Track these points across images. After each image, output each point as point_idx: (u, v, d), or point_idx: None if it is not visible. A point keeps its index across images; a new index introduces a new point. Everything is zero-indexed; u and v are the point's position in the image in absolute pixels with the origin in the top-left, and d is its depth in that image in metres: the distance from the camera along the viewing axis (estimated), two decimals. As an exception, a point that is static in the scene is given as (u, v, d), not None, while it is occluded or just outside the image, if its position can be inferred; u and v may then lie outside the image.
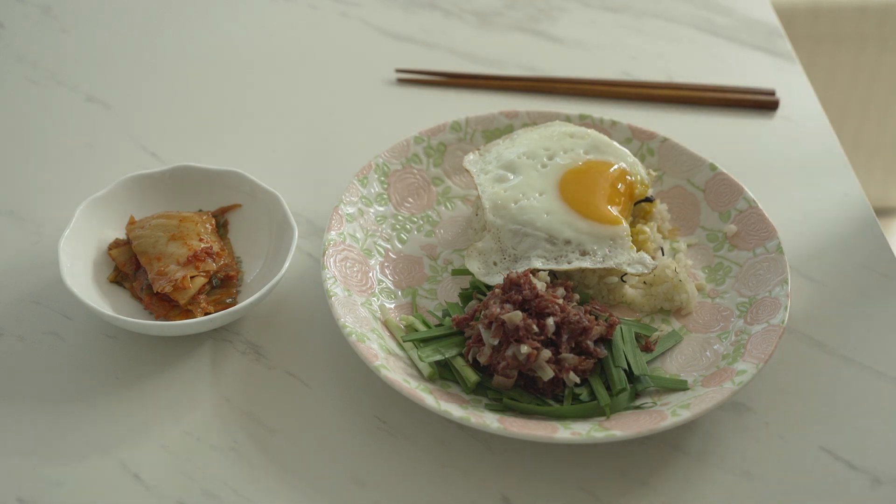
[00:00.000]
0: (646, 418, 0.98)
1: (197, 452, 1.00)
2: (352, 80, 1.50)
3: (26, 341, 1.09)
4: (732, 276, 1.15)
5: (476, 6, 1.66)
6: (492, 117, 1.30)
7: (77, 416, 1.02)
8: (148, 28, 1.59)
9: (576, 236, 1.12)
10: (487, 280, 1.11)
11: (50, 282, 1.14)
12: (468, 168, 1.20)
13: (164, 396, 1.05)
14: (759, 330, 1.06)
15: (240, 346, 1.10)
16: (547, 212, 1.14)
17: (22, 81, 1.46)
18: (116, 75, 1.49)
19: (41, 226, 1.22)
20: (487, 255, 1.14)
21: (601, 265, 1.11)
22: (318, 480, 0.98)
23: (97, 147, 1.36)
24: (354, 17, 1.63)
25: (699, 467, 1.00)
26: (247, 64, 1.53)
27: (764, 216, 1.17)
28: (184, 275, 1.09)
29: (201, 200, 1.20)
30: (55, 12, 1.59)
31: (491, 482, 0.99)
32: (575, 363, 1.01)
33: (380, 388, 1.05)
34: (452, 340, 1.06)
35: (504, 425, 0.97)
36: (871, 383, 1.08)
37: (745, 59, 1.56)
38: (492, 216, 1.15)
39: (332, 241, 1.13)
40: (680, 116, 1.45)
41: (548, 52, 1.57)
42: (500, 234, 1.14)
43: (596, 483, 0.99)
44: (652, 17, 1.66)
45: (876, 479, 1.00)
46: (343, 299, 1.07)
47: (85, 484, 0.97)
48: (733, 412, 1.05)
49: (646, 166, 1.26)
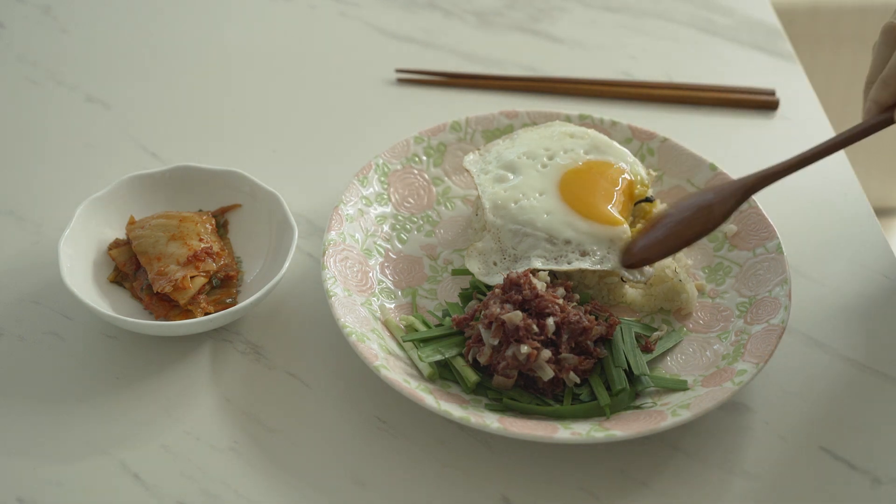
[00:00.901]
0: (646, 418, 0.98)
1: (197, 452, 1.00)
2: (352, 80, 1.50)
3: (26, 341, 1.09)
4: (732, 276, 1.15)
5: (476, 6, 1.66)
6: (492, 117, 1.30)
7: (77, 416, 1.02)
8: (148, 28, 1.59)
9: (576, 236, 1.12)
10: (488, 280, 1.11)
11: (50, 282, 1.14)
12: (468, 168, 1.20)
13: (164, 396, 1.05)
14: (759, 330, 1.06)
15: (240, 346, 1.10)
16: (547, 212, 1.14)
17: (22, 81, 1.46)
18: (116, 75, 1.49)
19: (41, 226, 1.22)
20: (487, 256, 1.14)
21: (600, 266, 1.11)
22: (318, 480, 0.98)
23: (97, 147, 1.36)
24: (354, 17, 1.63)
25: (699, 467, 1.00)
26: (247, 64, 1.53)
27: (764, 216, 1.17)
28: (184, 275, 1.09)
29: (201, 200, 1.20)
30: (55, 12, 1.59)
31: (491, 482, 0.99)
32: (575, 363, 1.02)
33: (380, 388, 1.05)
34: (452, 340, 1.06)
35: (504, 425, 0.97)
36: (872, 383, 1.08)
37: (745, 59, 1.56)
38: (492, 216, 1.15)
39: (332, 241, 1.13)
40: (680, 116, 1.44)
41: (548, 52, 1.57)
42: (500, 234, 1.14)
43: (596, 483, 0.99)
44: (652, 17, 1.66)
45: (876, 479, 1.00)
46: (343, 299, 1.07)
47: (85, 484, 0.97)
48: (733, 412, 1.05)
49: (646, 166, 1.26)
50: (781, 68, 1.54)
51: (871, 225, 1.26)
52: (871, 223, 1.27)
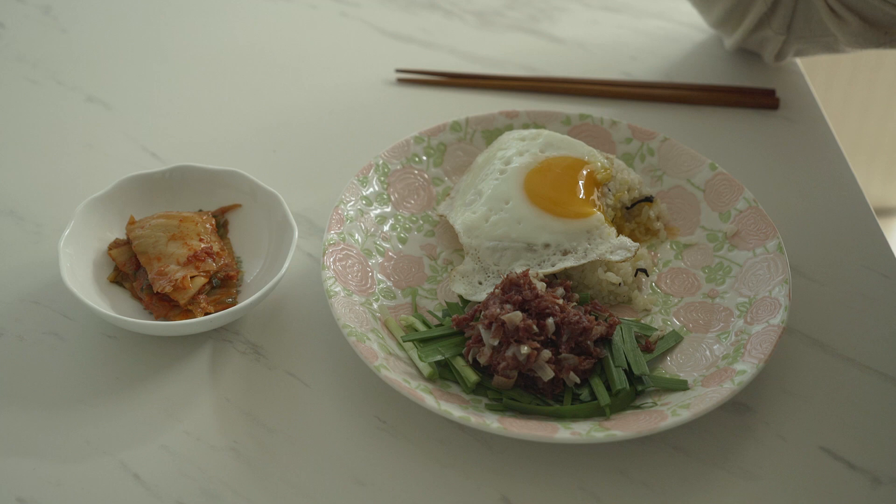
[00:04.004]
0: (646, 418, 0.98)
1: (197, 452, 1.00)
2: (352, 80, 1.50)
3: (26, 341, 1.09)
4: (732, 276, 1.15)
5: (476, 6, 1.66)
6: (492, 117, 1.30)
7: (77, 416, 1.02)
8: (148, 28, 1.59)
9: (553, 238, 1.12)
10: (477, 298, 1.11)
11: (50, 282, 1.15)
12: (442, 213, 1.21)
13: (164, 396, 1.05)
14: (759, 330, 1.06)
15: (240, 346, 1.10)
16: (519, 220, 1.14)
17: (22, 81, 1.46)
18: (116, 75, 1.49)
19: (41, 226, 1.22)
20: (471, 277, 1.14)
21: (585, 260, 1.11)
22: (318, 480, 0.98)
23: (97, 147, 1.36)
24: (354, 17, 1.63)
25: (699, 467, 1.00)
26: (247, 64, 1.53)
27: (764, 216, 1.17)
28: (184, 275, 1.09)
29: (201, 200, 1.20)
30: (55, 12, 1.59)
31: (491, 482, 0.99)
32: (575, 363, 1.02)
33: (380, 388, 1.05)
34: (452, 340, 1.06)
35: (504, 425, 0.97)
36: (871, 383, 1.08)
37: (745, 59, 1.56)
38: (466, 238, 1.15)
39: (332, 242, 1.13)
40: (680, 116, 1.45)
41: (548, 52, 1.57)
42: (479, 254, 1.14)
43: (596, 483, 0.99)
44: (652, 17, 1.66)
45: (876, 479, 1.00)
46: (343, 299, 1.07)
47: (85, 484, 0.97)
48: (733, 412, 1.05)
49: (646, 166, 1.26)
50: (781, 68, 1.54)
51: (871, 225, 1.26)
52: (871, 223, 1.27)
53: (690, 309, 1.13)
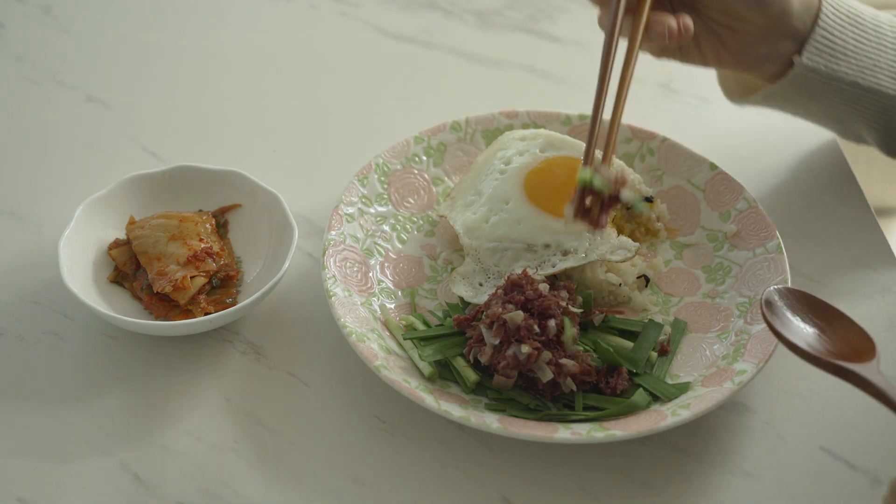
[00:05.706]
0: (646, 418, 0.98)
1: (197, 452, 1.00)
2: (352, 80, 1.50)
3: (26, 341, 1.09)
4: (732, 276, 1.15)
5: (476, 6, 1.66)
6: (492, 117, 1.30)
7: (77, 416, 1.02)
8: (148, 28, 1.59)
9: (553, 238, 1.12)
10: (478, 301, 1.10)
11: (50, 282, 1.14)
12: (443, 214, 1.20)
13: (164, 396, 1.05)
14: (759, 330, 1.06)
15: (240, 346, 1.10)
16: (519, 220, 1.14)
17: (22, 81, 1.46)
18: (116, 75, 1.49)
19: (41, 226, 1.22)
20: (472, 278, 1.13)
21: (585, 261, 1.11)
22: (318, 480, 0.98)
23: (97, 147, 1.36)
24: (354, 17, 1.63)
25: (699, 467, 1.00)
26: (247, 64, 1.53)
27: (764, 216, 1.17)
28: (184, 275, 1.09)
29: (201, 200, 1.20)
30: (55, 12, 1.59)
31: (491, 482, 0.99)
32: (574, 371, 1.01)
33: (380, 388, 1.05)
34: (453, 340, 1.06)
35: (504, 425, 0.97)
36: (871, 383, 1.08)
37: (745, 59, 1.56)
38: (467, 239, 1.15)
39: (332, 241, 1.13)
40: (680, 116, 1.44)
41: (548, 52, 1.57)
42: (479, 255, 1.14)
43: (596, 483, 0.99)
44: (652, 17, 1.65)
45: (876, 479, 0.99)
46: (343, 299, 1.07)
47: (85, 484, 0.97)
48: (733, 412, 1.05)
49: (646, 166, 1.26)
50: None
51: (871, 225, 1.26)
52: (871, 223, 1.27)
53: (690, 309, 1.13)
